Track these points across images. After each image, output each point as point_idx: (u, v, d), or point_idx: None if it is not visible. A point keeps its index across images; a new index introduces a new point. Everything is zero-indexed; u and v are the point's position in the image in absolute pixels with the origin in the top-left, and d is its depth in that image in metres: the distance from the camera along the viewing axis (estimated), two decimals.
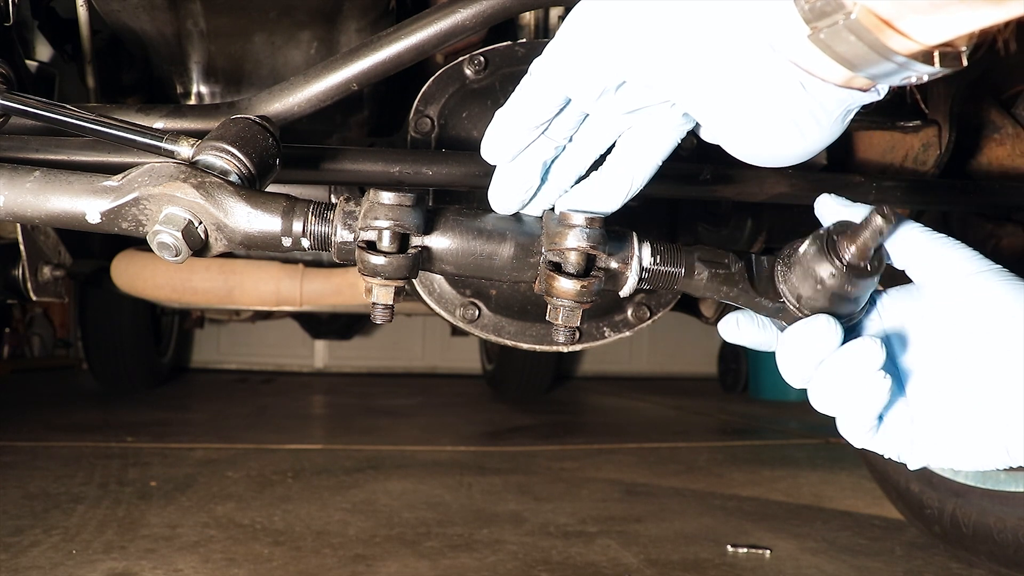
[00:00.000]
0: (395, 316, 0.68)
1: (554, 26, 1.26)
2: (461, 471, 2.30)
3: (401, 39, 0.86)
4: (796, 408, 4.36)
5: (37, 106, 0.73)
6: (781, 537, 1.68)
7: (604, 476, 2.30)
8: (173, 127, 0.88)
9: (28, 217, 0.65)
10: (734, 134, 0.57)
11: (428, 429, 3.25)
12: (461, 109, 1.01)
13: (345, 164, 0.91)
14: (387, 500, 1.91)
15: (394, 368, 5.99)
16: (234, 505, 1.81)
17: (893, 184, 1.05)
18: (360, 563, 1.42)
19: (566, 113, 0.64)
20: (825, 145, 0.57)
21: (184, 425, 3.08)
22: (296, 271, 1.84)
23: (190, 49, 1.16)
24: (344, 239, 0.65)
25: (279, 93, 0.87)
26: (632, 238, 0.66)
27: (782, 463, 2.59)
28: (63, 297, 1.76)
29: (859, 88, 0.54)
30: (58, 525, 1.60)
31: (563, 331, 0.67)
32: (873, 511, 1.93)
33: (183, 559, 1.41)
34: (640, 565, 1.46)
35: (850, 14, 0.48)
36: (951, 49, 0.50)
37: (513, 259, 0.67)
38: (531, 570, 1.40)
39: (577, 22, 0.58)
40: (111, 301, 3.33)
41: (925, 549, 1.60)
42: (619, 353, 6.18)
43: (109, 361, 3.62)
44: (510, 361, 4.25)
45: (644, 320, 1.04)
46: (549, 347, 1.04)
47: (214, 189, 0.65)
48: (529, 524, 1.72)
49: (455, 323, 1.03)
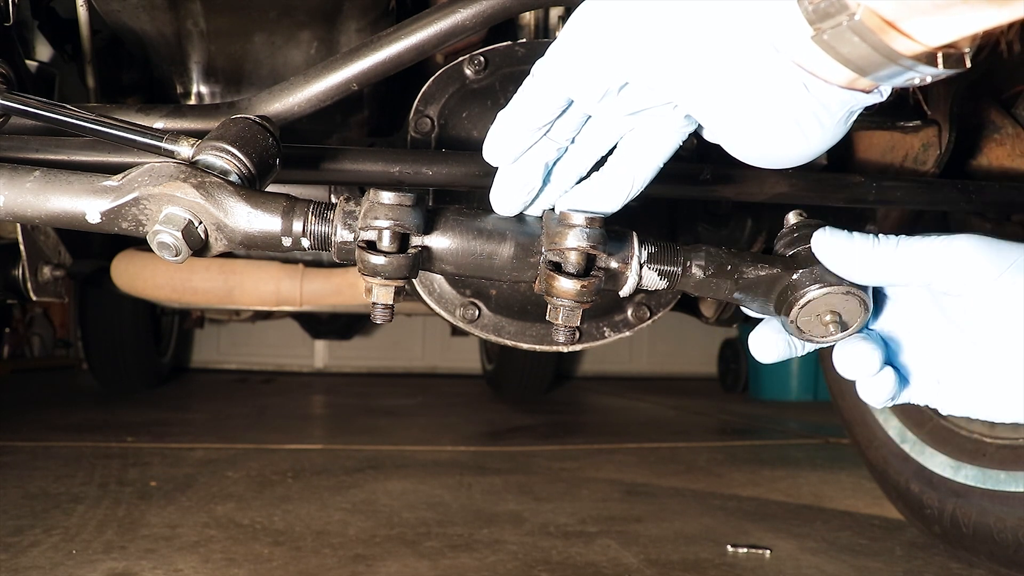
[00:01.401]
0: (395, 316, 0.68)
1: (554, 26, 1.26)
2: (461, 471, 2.30)
3: (401, 39, 0.86)
4: (796, 408, 4.36)
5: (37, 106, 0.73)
6: (781, 537, 1.68)
7: (604, 476, 2.30)
8: (173, 127, 0.88)
9: (28, 217, 0.65)
10: (736, 135, 0.57)
11: (428, 429, 3.25)
12: (461, 109, 1.01)
13: (345, 164, 0.91)
14: (387, 500, 1.91)
15: (394, 368, 5.99)
16: (234, 505, 1.81)
17: (893, 184, 1.05)
18: (360, 563, 1.42)
19: (568, 114, 0.64)
20: (828, 147, 0.57)
21: (184, 425, 3.08)
22: (296, 271, 1.84)
23: (190, 49, 1.16)
24: (344, 239, 0.65)
25: (279, 93, 0.87)
26: (632, 238, 0.66)
27: (782, 463, 2.59)
28: (63, 297, 1.76)
29: (862, 90, 0.54)
30: (58, 525, 1.59)
31: (563, 331, 0.67)
32: (873, 511, 1.93)
33: (183, 559, 1.41)
34: (640, 565, 1.45)
35: (854, 15, 0.48)
36: (954, 51, 0.50)
37: (513, 259, 0.67)
38: (531, 570, 1.40)
39: (579, 24, 0.58)
40: (111, 301, 3.33)
41: (925, 549, 1.60)
42: (619, 353, 6.18)
43: (109, 361, 3.62)
44: (510, 361, 4.25)
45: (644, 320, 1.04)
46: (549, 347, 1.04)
47: (214, 189, 0.65)
48: (529, 524, 1.72)
49: (455, 323, 1.03)
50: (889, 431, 1.60)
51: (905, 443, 1.56)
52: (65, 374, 5.05)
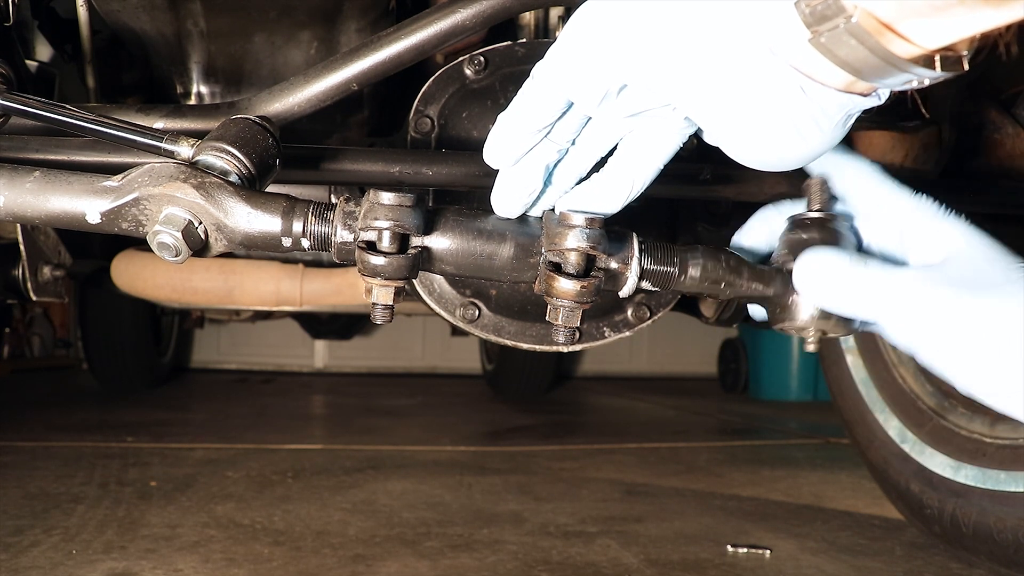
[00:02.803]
0: (395, 316, 0.68)
1: (554, 26, 1.26)
2: (461, 471, 2.30)
3: (401, 39, 0.86)
4: (796, 408, 4.36)
5: (37, 106, 0.73)
6: (781, 537, 1.68)
7: (604, 476, 2.30)
8: (173, 127, 0.88)
9: (28, 217, 0.65)
10: (735, 138, 0.57)
11: (428, 429, 3.25)
12: (461, 109, 1.01)
13: (345, 164, 0.91)
14: (387, 500, 1.91)
15: (394, 368, 5.99)
16: (234, 505, 1.81)
17: None
18: (360, 563, 1.42)
19: (569, 116, 0.64)
20: (827, 149, 0.57)
21: (184, 425, 3.08)
22: (296, 271, 1.84)
23: (190, 49, 1.16)
24: (344, 239, 0.65)
25: (279, 93, 0.87)
26: (632, 238, 0.66)
27: (782, 463, 2.59)
28: (63, 297, 1.76)
29: (860, 93, 0.54)
30: (58, 525, 1.59)
31: (563, 331, 0.67)
32: (873, 511, 1.93)
33: (183, 559, 1.41)
34: (640, 565, 1.46)
35: (851, 18, 0.47)
36: (952, 53, 0.50)
37: (513, 259, 0.67)
38: (531, 570, 1.40)
39: (579, 26, 0.58)
40: (111, 301, 3.32)
41: (925, 549, 1.60)
42: (619, 353, 6.18)
43: (109, 361, 3.62)
44: (510, 361, 4.25)
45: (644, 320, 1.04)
46: (549, 347, 1.04)
47: (214, 189, 0.65)
48: (529, 524, 1.72)
49: (455, 323, 1.03)
50: (889, 431, 1.60)
51: (905, 443, 1.56)
52: (65, 374, 5.05)
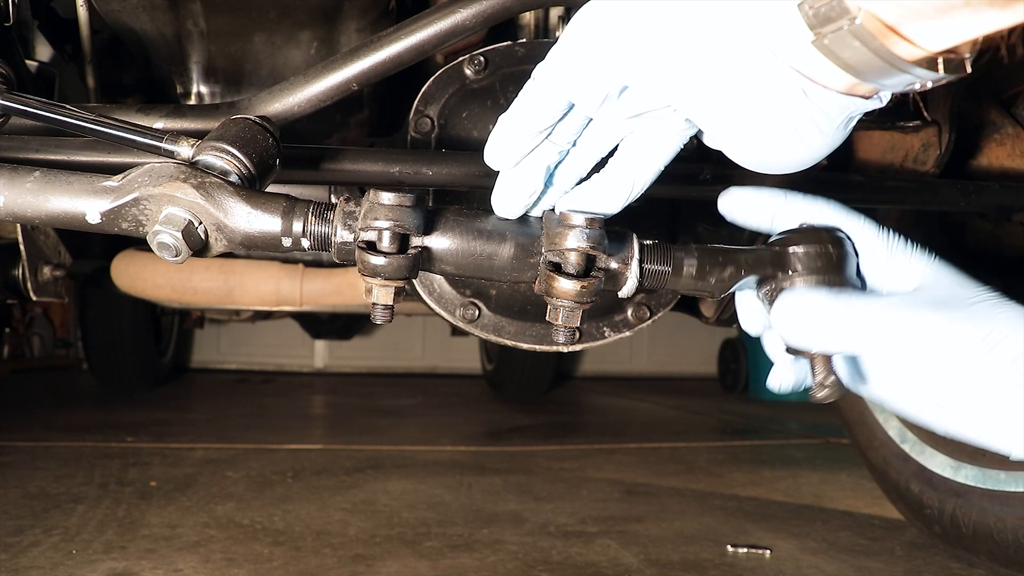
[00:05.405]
0: (395, 316, 0.68)
1: (554, 26, 1.25)
2: (461, 471, 2.30)
3: (401, 39, 0.86)
4: (796, 408, 4.36)
5: (37, 106, 0.73)
6: (781, 537, 1.68)
7: (604, 476, 2.30)
8: (173, 127, 0.88)
9: (28, 217, 0.65)
10: (735, 141, 0.57)
11: (428, 429, 3.25)
12: (461, 109, 1.01)
13: (345, 164, 0.91)
14: (387, 500, 1.91)
15: (394, 368, 5.99)
16: (234, 505, 1.81)
17: (893, 184, 1.05)
18: (360, 563, 1.42)
19: (569, 118, 0.63)
20: (828, 152, 0.57)
21: (184, 425, 3.08)
22: (296, 271, 1.84)
23: (190, 49, 1.16)
24: (344, 239, 0.65)
25: (279, 93, 0.87)
26: (632, 239, 0.66)
27: (782, 463, 2.59)
28: (63, 297, 1.76)
29: (862, 95, 0.53)
30: (58, 525, 1.59)
31: (563, 331, 0.67)
32: (873, 511, 1.93)
33: (183, 559, 1.41)
34: (640, 565, 1.45)
35: (855, 19, 0.47)
36: (955, 56, 0.49)
37: (513, 259, 0.67)
38: (531, 570, 1.40)
39: (579, 27, 0.58)
40: (111, 301, 3.32)
41: (925, 549, 1.60)
42: (619, 353, 6.18)
43: (109, 361, 3.62)
44: (510, 361, 4.25)
45: (644, 320, 1.04)
46: (549, 347, 1.04)
47: (214, 189, 0.65)
48: (529, 524, 1.72)
49: (455, 323, 1.03)
50: (889, 431, 1.60)
51: (905, 443, 1.56)
52: (65, 374, 5.05)
